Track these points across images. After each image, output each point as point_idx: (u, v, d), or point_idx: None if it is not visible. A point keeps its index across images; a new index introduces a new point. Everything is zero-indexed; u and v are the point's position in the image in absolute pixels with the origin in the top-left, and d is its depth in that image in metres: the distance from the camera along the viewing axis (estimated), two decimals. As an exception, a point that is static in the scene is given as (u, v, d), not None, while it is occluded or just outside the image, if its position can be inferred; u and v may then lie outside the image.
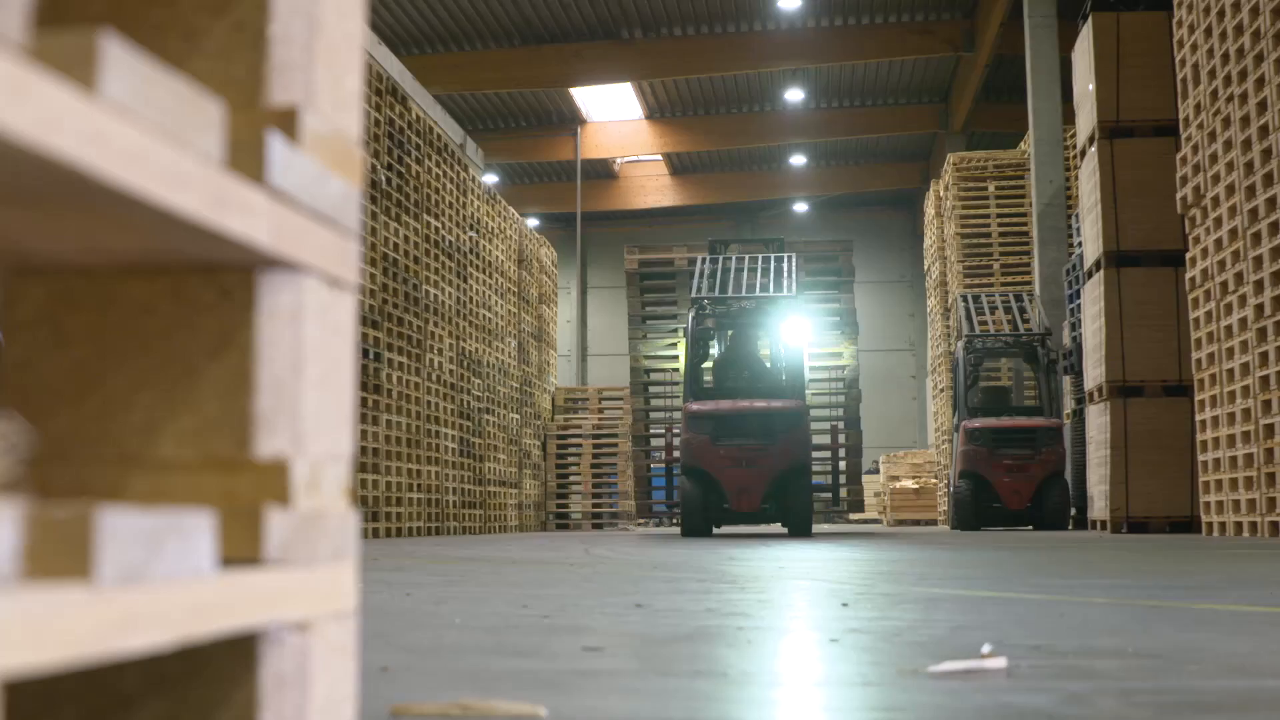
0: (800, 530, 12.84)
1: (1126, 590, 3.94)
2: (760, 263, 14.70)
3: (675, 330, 16.49)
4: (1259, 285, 10.05)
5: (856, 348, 16.41)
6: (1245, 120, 10.28)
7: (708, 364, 14.42)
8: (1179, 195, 12.07)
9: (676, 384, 15.83)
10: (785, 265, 14.54)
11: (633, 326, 17.08)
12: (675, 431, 14.83)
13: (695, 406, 12.93)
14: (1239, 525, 10.63)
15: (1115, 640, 2.43)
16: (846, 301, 16.66)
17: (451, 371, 15.69)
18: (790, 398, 13.29)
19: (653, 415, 17.15)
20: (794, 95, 27.20)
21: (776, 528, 17.62)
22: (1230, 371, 10.77)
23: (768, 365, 14.68)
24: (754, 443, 12.72)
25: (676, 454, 14.83)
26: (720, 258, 15.00)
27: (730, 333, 14.63)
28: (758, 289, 14.17)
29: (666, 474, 15.13)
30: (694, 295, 13.93)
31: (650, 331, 17.08)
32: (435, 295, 15.00)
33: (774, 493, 12.78)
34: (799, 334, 13.59)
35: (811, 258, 16.83)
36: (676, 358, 16.04)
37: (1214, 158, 11.08)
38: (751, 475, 12.72)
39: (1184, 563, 5.84)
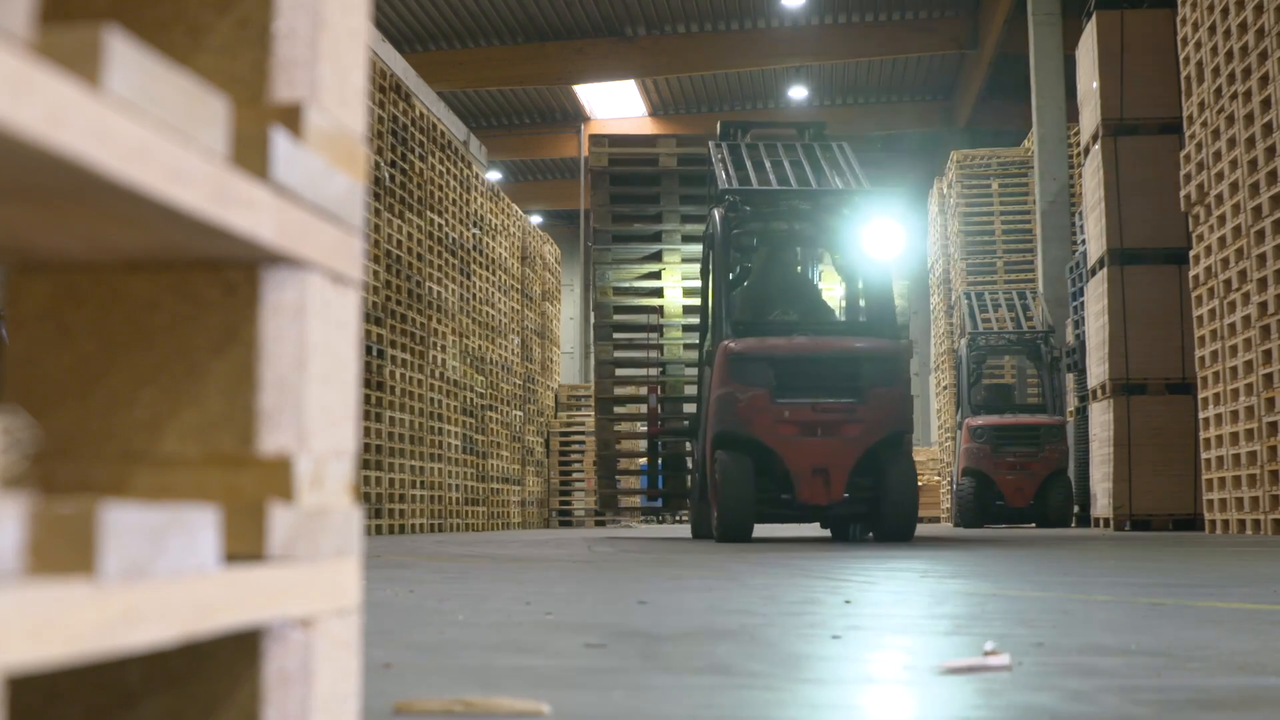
0: (899, 531, 9.19)
1: (1129, 588, 3.94)
2: (801, 154, 10.87)
3: (658, 253, 13.26)
4: (1262, 283, 10.04)
5: (907, 288, 14.42)
6: (1249, 117, 10.27)
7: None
8: (1182, 193, 12.06)
9: (663, 326, 13.02)
10: (839, 156, 10.93)
11: (598, 246, 13.28)
12: (663, 395, 12.63)
13: (739, 346, 9.22)
14: (1242, 523, 10.63)
15: (1118, 638, 2.43)
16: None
17: (455, 368, 15.69)
18: (880, 335, 9.60)
19: (624, 372, 13.78)
20: (798, 93, 27.19)
21: (808, 529, 14.17)
22: (1233, 369, 10.76)
23: (820, 292, 11.24)
24: (837, 400, 9.10)
25: (677, 427, 12.44)
26: (741, 145, 11.25)
27: (768, 247, 10.88)
28: (811, 183, 10.27)
29: (651, 452, 12.55)
30: (723, 188, 10.18)
31: (621, 256, 13.43)
32: (438, 292, 15.00)
33: (861, 476, 9.18)
34: (884, 242, 9.77)
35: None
36: (660, 291, 13.15)
37: (1218, 155, 11.07)
38: (833, 449, 9.07)
39: (1187, 560, 5.84)
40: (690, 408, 12.56)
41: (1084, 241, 15.77)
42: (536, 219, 32.21)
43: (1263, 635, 2.51)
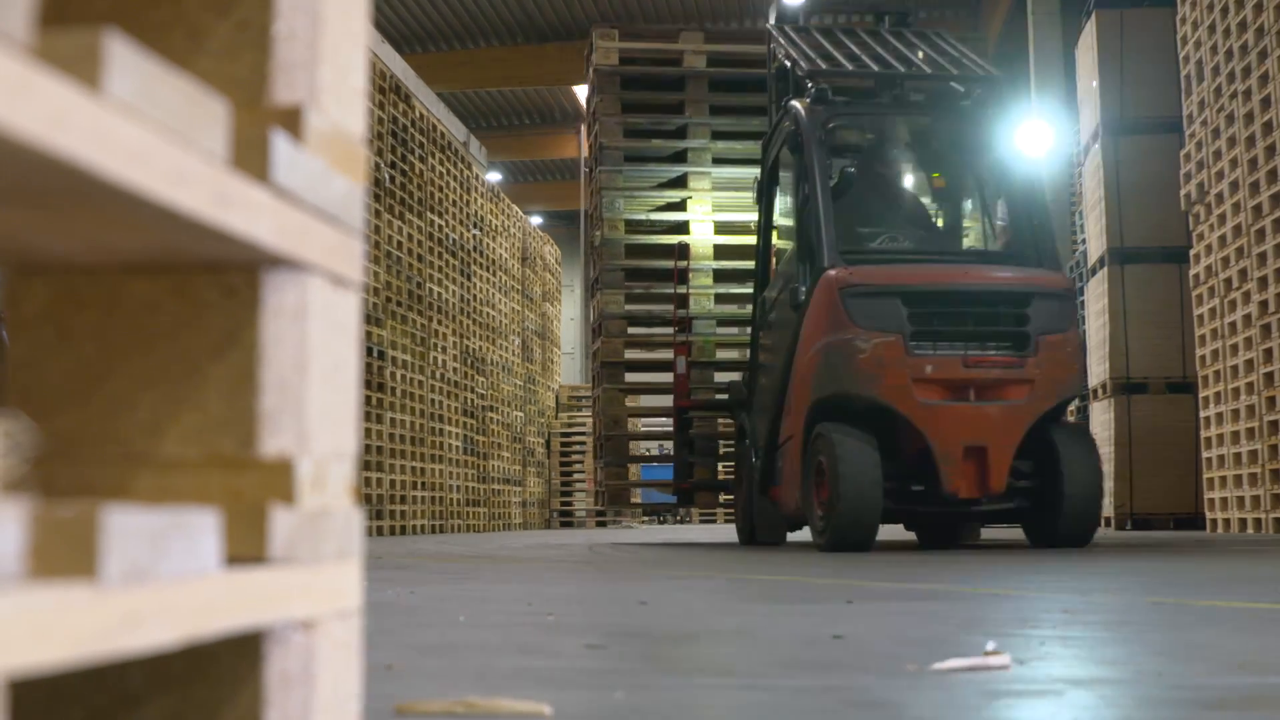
0: (1074, 535, 6.98)
1: (1131, 587, 3.94)
2: (892, 39, 8.73)
3: (682, 178, 10.83)
4: (1263, 282, 10.04)
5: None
6: (1249, 116, 10.27)
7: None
8: (1182, 192, 12.06)
9: (689, 269, 10.57)
10: (943, 43, 8.77)
11: (605, 167, 10.72)
12: (691, 359, 10.30)
13: (856, 277, 7.10)
14: (1243, 522, 10.63)
15: (1122, 636, 2.43)
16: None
17: (455, 369, 15.69)
18: (1042, 266, 7.46)
19: (636, 330, 11.33)
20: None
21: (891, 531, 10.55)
22: (1234, 368, 10.76)
23: (934, 213, 8.71)
24: (998, 352, 6.84)
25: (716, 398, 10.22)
26: (811, 28, 9.22)
27: (866, 154, 8.25)
28: (924, 68, 8.18)
29: (680, 431, 10.29)
30: (809, 70, 8.02)
31: (635, 180, 10.91)
32: (439, 293, 15.00)
33: (1020, 458, 6.90)
34: (1032, 142, 7.42)
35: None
36: (685, 225, 10.77)
37: (1218, 154, 11.07)
38: (992, 421, 6.75)
39: (1188, 559, 5.83)
40: (722, 377, 10.57)
41: (1084, 241, 15.76)
42: (537, 220, 32.22)
43: (1265, 635, 2.51)
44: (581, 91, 26.37)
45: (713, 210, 10.99)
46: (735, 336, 11.06)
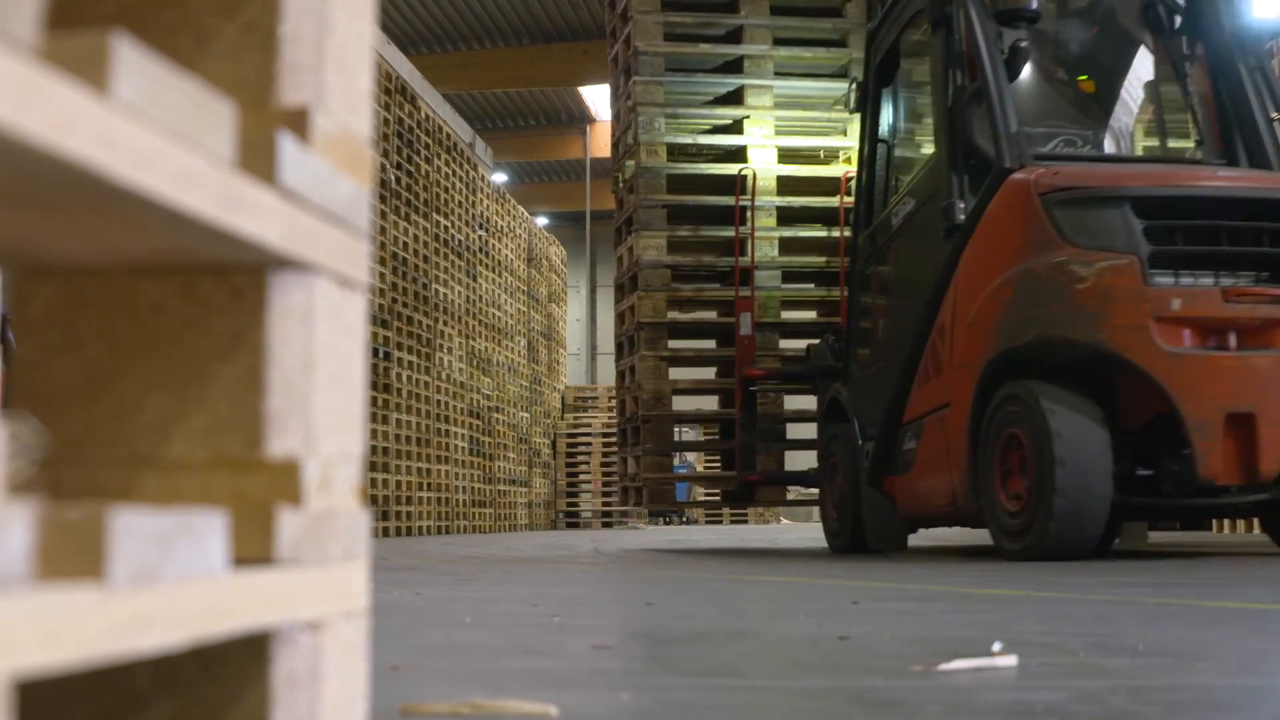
0: None
1: (1135, 588, 3.93)
2: None
3: (737, 93, 9.07)
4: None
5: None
6: None
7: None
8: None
9: (750, 208, 8.86)
10: None
11: (644, 78, 8.88)
12: (758, 318, 8.69)
13: (1065, 178, 5.51)
14: (1247, 522, 10.60)
15: (1126, 637, 2.43)
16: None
17: (461, 370, 15.70)
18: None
19: (679, 287, 9.07)
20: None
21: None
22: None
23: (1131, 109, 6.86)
24: (1269, 284, 5.26)
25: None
26: None
27: (1035, 38, 6.33)
28: None
29: (742, 408, 8.62)
30: None
31: (679, 95, 9.13)
32: (445, 294, 15.00)
33: None
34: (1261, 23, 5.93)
35: None
36: (742, 152, 9.05)
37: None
38: (1265, 377, 5.12)
39: (1193, 560, 5.82)
40: (788, 343, 9.00)
41: None
42: (542, 220, 32.23)
43: (1270, 636, 2.51)
44: (587, 92, 26.41)
45: (775, 133, 9.13)
46: (803, 292, 9.38)
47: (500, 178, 28.71)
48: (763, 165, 9.08)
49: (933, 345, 6.23)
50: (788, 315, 9.25)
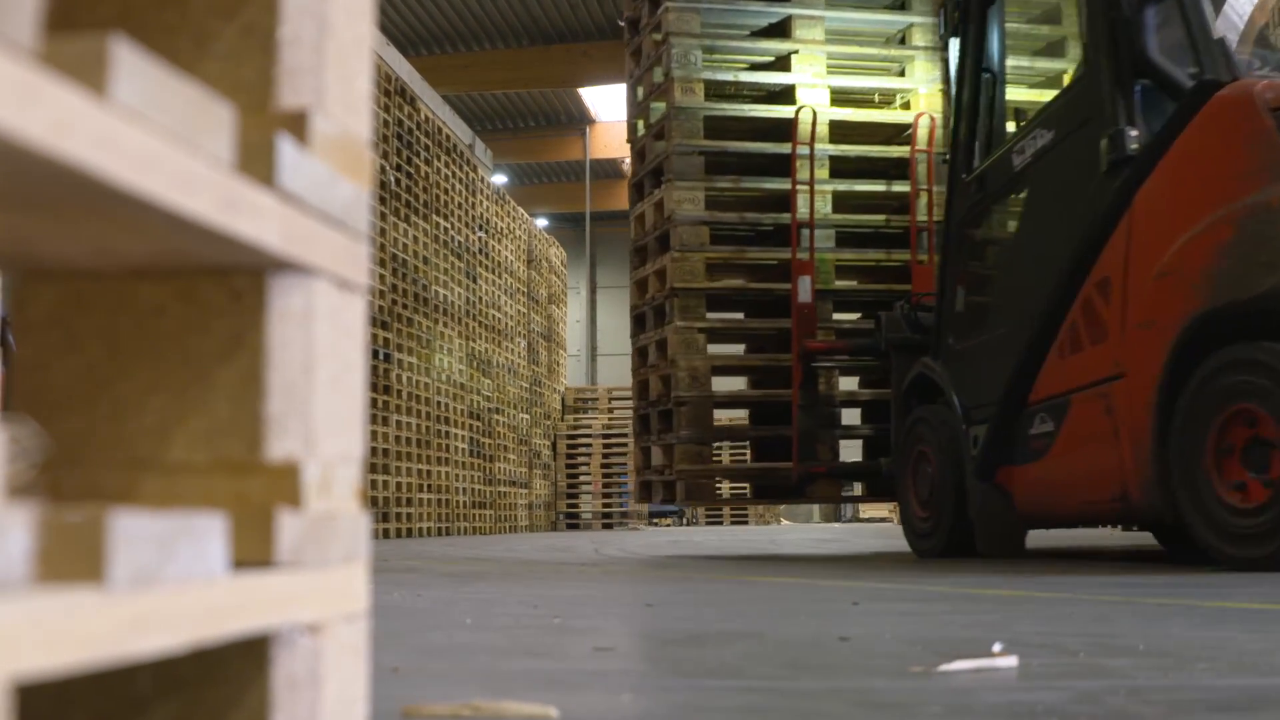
0: None
1: (1136, 588, 3.93)
2: None
3: (783, 24, 8.17)
4: None
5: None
6: None
7: None
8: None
9: (803, 157, 7.83)
10: None
11: (678, 4, 7.96)
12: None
13: None
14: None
15: (1126, 638, 2.43)
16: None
17: (461, 372, 15.70)
18: None
19: (718, 252, 8.01)
20: (802, 94, 27.15)
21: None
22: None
23: None
24: None
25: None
26: None
27: None
28: None
29: (801, 387, 7.60)
30: None
31: (719, 25, 8.21)
32: (445, 296, 15.01)
33: None
34: None
35: None
36: (790, 91, 8.08)
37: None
38: None
39: (1194, 559, 5.82)
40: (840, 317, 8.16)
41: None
42: (542, 222, 32.25)
43: (1272, 635, 2.51)
44: (587, 93, 26.41)
45: (827, 71, 8.14)
46: (860, 258, 8.24)
47: (500, 179, 28.72)
48: (815, 102, 8.05)
49: (1086, 305, 5.29)
50: (842, 284, 8.16)
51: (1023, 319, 5.73)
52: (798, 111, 7.90)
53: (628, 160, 30.40)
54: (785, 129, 8.02)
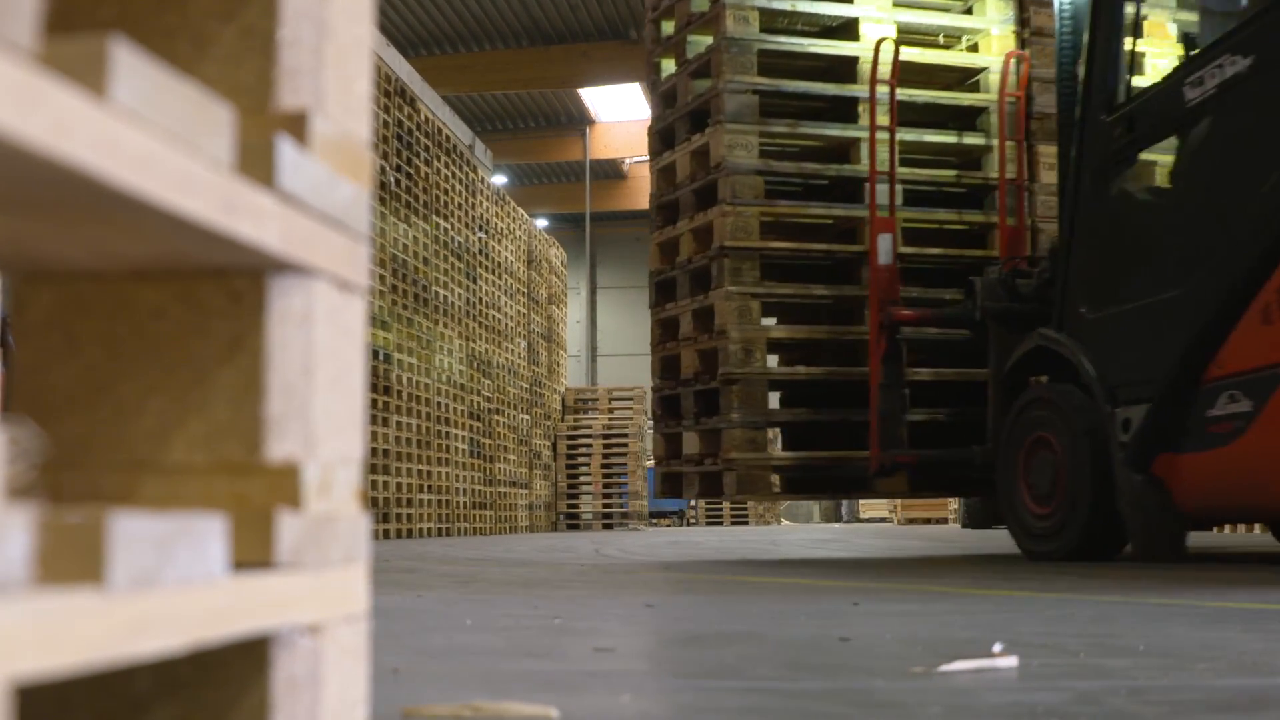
0: None
1: (1136, 588, 3.93)
2: None
3: None
4: None
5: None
6: None
7: None
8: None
9: (869, 99, 7.04)
10: None
11: None
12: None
13: None
14: (1250, 523, 10.61)
15: (1127, 638, 2.43)
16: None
17: (461, 372, 15.70)
18: None
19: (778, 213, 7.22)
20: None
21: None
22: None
23: None
24: None
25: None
26: None
27: None
28: None
29: (885, 361, 6.72)
30: None
31: None
32: (445, 296, 15.01)
33: None
34: None
35: None
36: (853, 25, 7.39)
37: None
38: None
39: (1195, 560, 5.82)
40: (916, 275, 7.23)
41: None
42: (542, 222, 32.27)
43: (1272, 635, 2.51)
44: (587, 94, 26.41)
45: (893, 5, 7.44)
46: (926, 218, 7.42)
47: (500, 180, 28.73)
48: (880, 36, 7.24)
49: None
50: (920, 250, 7.35)
51: (1201, 280, 4.94)
52: (878, 44, 7.05)
53: (628, 161, 30.36)
54: (842, 70, 7.27)
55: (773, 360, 7.53)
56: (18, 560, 0.65)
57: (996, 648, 2.10)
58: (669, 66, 7.97)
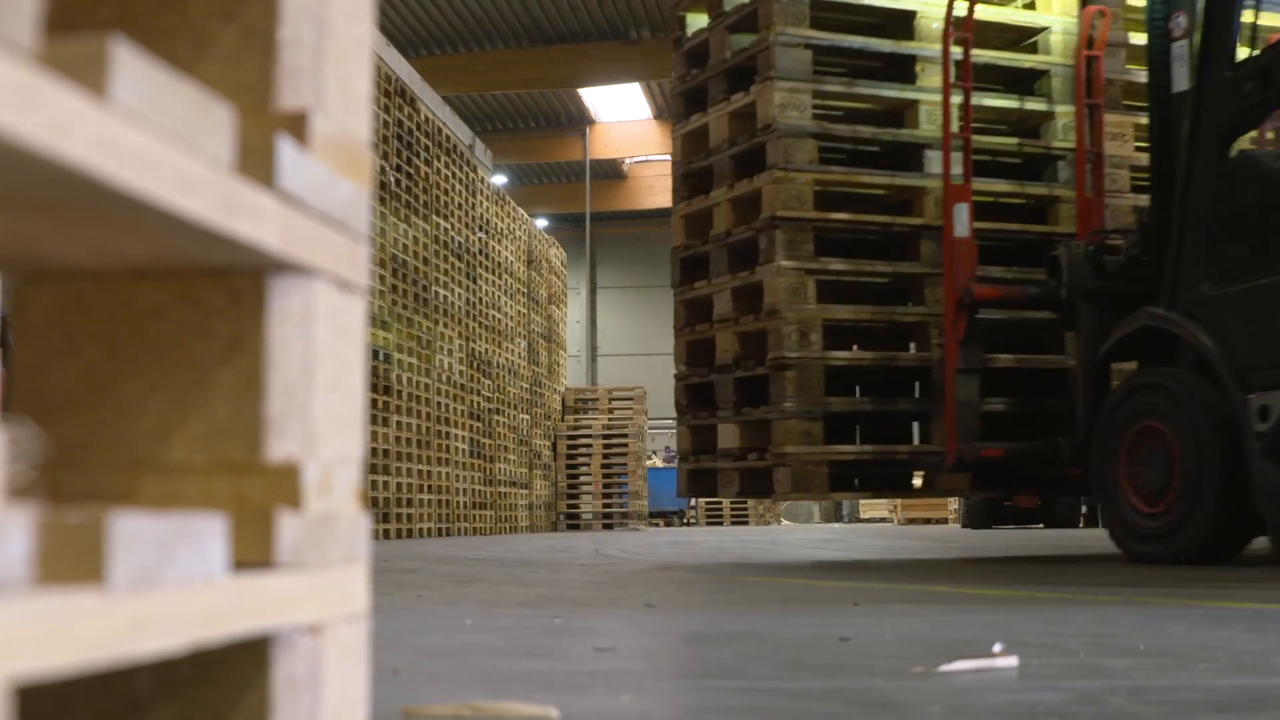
0: None
1: (1135, 588, 3.93)
2: None
3: None
4: None
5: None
6: None
7: None
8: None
9: (923, 55, 6.68)
10: None
11: None
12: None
13: None
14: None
15: (1127, 638, 2.43)
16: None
17: (461, 372, 15.70)
18: None
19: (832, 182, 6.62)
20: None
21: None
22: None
23: None
24: None
25: None
26: None
27: None
28: None
29: (967, 344, 6.12)
30: None
31: None
32: (445, 296, 15.01)
33: None
34: None
35: None
36: None
37: None
38: None
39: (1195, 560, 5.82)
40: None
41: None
42: (542, 222, 32.27)
43: (1272, 635, 2.51)
44: (587, 94, 26.40)
45: None
46: (989, 189, 6.80)
47: (500, 179, 28.73)
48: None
49: None
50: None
51: None
52: None
53: (628, 161, 30.33)
54: (897, 25, 6.75)
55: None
56: (18, 560, 0.65)
57: (996, 648, 2.10)
58: (696, 21, 7.27)
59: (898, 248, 6.66)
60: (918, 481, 6.91)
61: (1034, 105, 6.95)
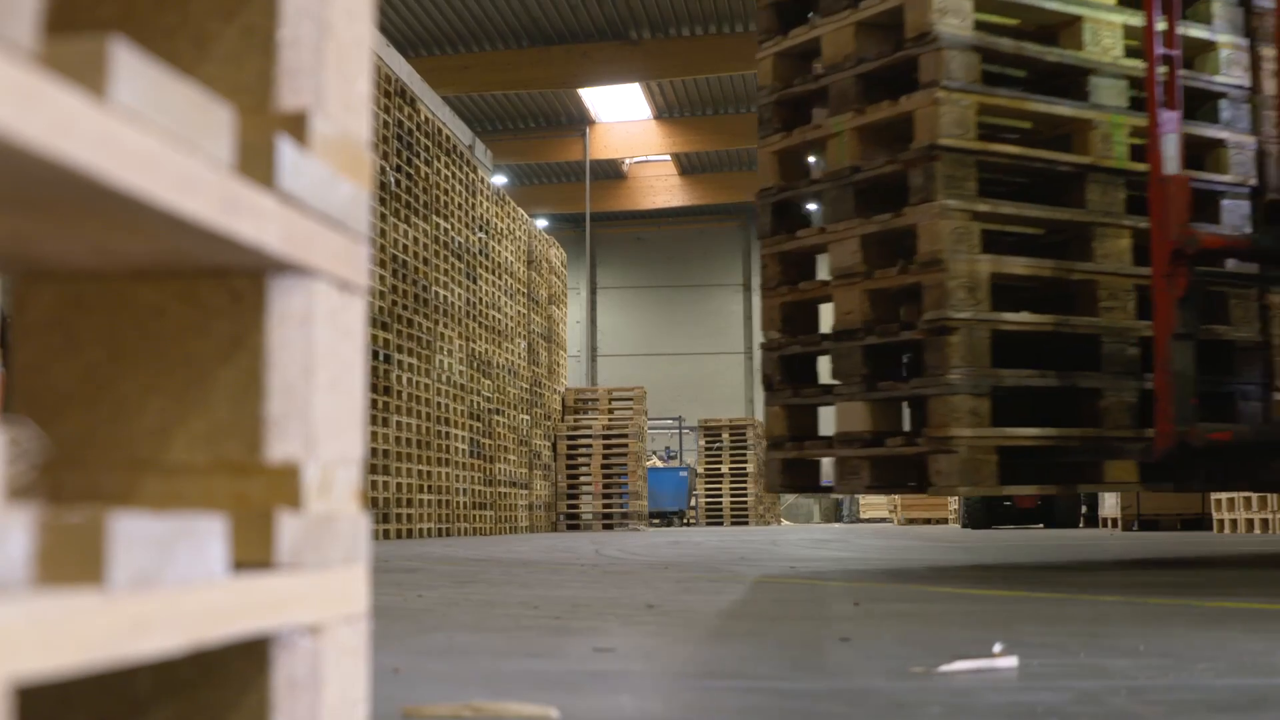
0: None
1: (1135, 588, 3.93)
2: None
3: None
4: None
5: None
6: None
7: None
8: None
9: None
10: None
11: None
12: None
13: None
14: (1250, 522, 10.62)
15: (1126, 638, 2.43)
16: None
17: (461, 373, 15.70)
18: None
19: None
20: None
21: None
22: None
23: None
24: None
25: None
26: None
27: None
28: None
29: (1178, 306, 4.89)
30: None
31: None
32: (445, 296, 15.01)
33: None
34: None
35: None
36: None
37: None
38: None
39: (1196, 560, 5.82)
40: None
41: None
42: (542, 223, 32.28)
43: (1271, 635, 2.51)
44: (586, 94, 26.40)
45: None
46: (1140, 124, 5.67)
47: (500, 180, 28.73)
48: None
49: None
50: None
51: None
52: None
53: (628, 161, 30.30)
54: None
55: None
56: (18, 560, 0.65)
57: (996, 648, 2.10)
58: None
59: (1056, 191, 5.64)
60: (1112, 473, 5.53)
61: (1198, 33, 5.98)
